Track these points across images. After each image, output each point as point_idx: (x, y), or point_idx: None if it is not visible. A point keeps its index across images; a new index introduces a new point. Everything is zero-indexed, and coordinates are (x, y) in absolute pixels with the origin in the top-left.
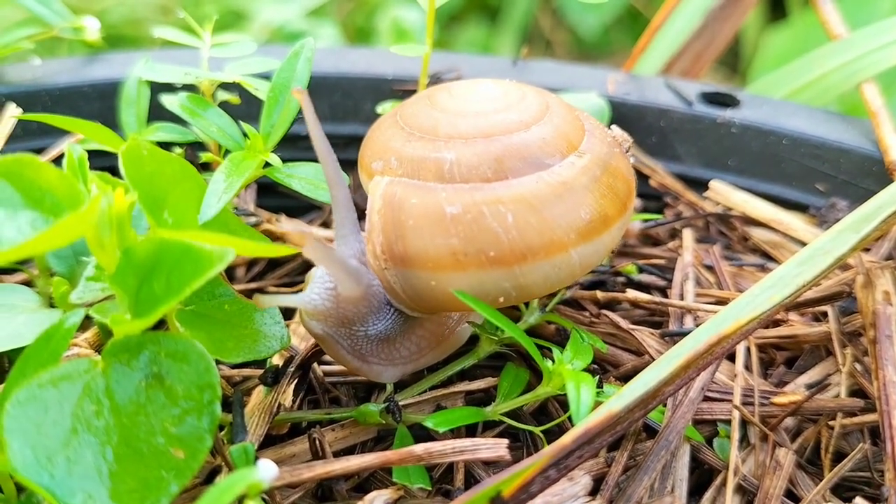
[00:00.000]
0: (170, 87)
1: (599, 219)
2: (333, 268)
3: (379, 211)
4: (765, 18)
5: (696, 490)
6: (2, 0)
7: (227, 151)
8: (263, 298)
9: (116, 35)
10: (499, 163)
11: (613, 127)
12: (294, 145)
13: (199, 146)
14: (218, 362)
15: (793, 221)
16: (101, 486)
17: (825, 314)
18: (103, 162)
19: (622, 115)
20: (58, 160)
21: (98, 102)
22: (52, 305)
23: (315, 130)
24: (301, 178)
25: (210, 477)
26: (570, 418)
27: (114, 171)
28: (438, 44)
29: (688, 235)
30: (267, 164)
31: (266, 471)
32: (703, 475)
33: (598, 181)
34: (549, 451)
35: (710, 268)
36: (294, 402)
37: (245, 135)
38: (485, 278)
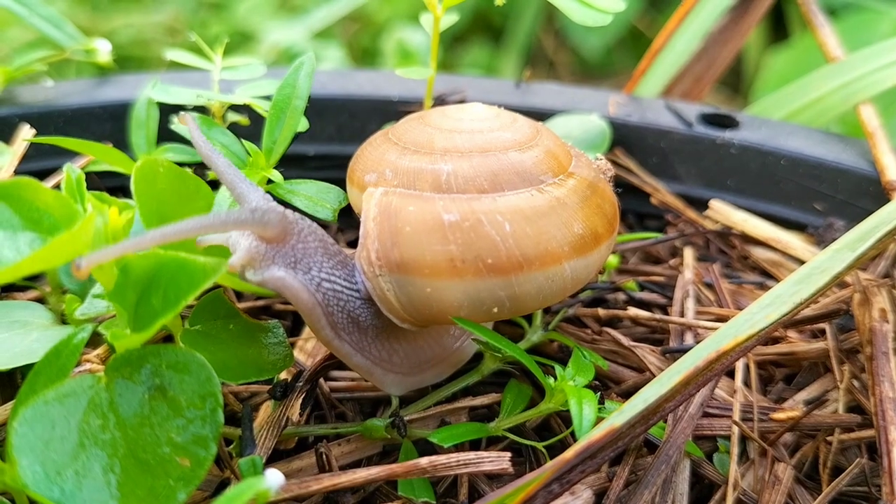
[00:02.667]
0: (180, 109)
1: (591, 235)
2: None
3: (374, 219)
4: (766, 39)
5: None
6: (13, 21)
7: None
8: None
9: (124, 56)
10: (495, 176)
11: (597, 156)
12: (301, 165)
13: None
14: None
15: (791, 240)
16: (111, 497)
17: (823, 331)
18: (117, 181)
19: (623, 136)
20: None
21: (110, 123)
22: (64, 322)
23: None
24: (302, 194)
25: (219, 490)
26: (572, 434)
27: (126, 191)
28: (442, 65)
29: (688, 253)
30: (270, 182)
31: (273, 479)
32: (703, 490)
33: (587, 200)
34: (551, 466)
35: (710, 286)
36: (301, 416)
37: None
38: (481, 286)
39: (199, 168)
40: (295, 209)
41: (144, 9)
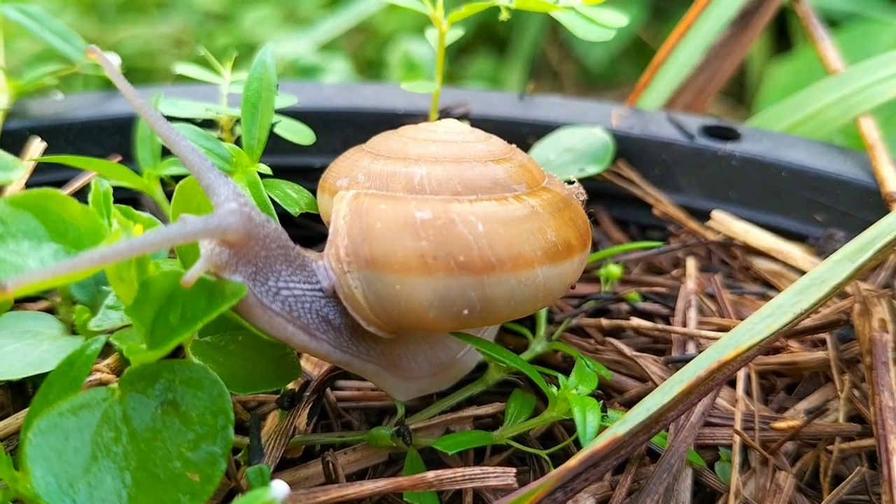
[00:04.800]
0: (187, 122)
1: (564, 244)
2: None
3: (344, 217)
4: (770, 50)
5: None
6: (21, 33)
7: None
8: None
9: (131, 67)
10: (469, 181)
11: (571, 178)
12: (307, 176)
13: None
14: None
15: (792, 251)
16: None
17: (824, 341)
18: (127, 193)
19: (626, 148)
20: (80, 192)
21: (118, 136)
22: (73, 332)
23: (123, 85)
24: (279, 190)
25: (227, 498)
26: (575, 442)
27: (136, 203)
28: (448, 76)
29: (691, 264)
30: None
31: (279, 490)
32: (705, 498)
33: (561, 212)
34: (555, 474)
35: (711, 296)
36: (308, 426)
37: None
38: (452, 285)
39: None
40: (303, 222)
41: (151, 20)
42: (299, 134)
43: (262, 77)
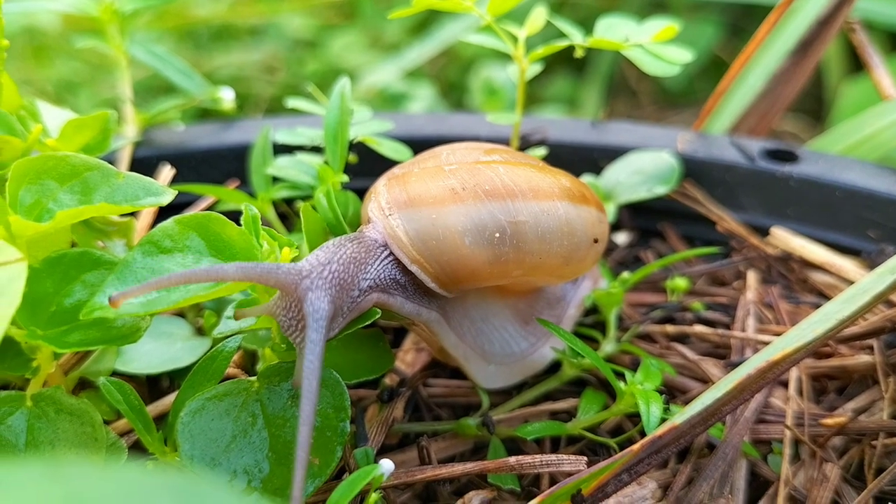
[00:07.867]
0: (297, 149)
1: (578, 191)
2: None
3: (385, 184)
4: (845, 66)
5: (751, 500)
6: (136, 64)
7: None
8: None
9: None
10: (488, 157)
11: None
12: None
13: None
14: None
15: (846, 265)
16: (255, 484)
17: (872, 347)
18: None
19: (691, 170)
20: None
21: (234, 162)
22: (201, 333)
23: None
24: (342, 196)
25: (338, 474)
26: (640, 433)
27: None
28: (527, 97)
29: (751, 276)
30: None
31: (386, 466)
32: (759, 486)
33: (572, 177)
34: (621, 457)
35: (769, 306)
36: (404, 417)
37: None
38: (482, 210)
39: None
40: None
41: (244, 47)
42: (399, 152)
43: (339, 106)
